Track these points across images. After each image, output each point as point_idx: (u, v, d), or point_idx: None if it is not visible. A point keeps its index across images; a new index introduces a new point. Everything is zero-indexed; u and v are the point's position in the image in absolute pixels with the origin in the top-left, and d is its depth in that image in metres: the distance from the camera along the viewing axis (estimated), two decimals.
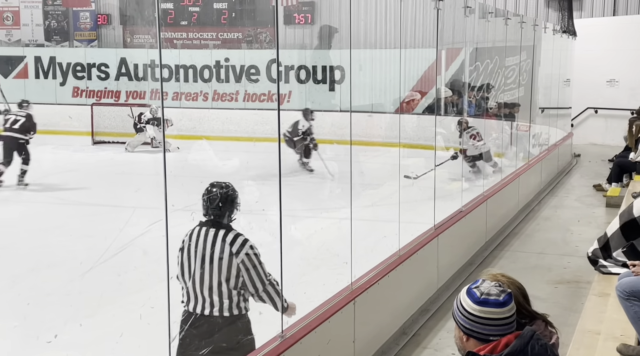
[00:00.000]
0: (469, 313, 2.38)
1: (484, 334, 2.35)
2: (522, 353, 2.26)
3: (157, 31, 3.18)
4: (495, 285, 2.43)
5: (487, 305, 2.36)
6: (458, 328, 2.43)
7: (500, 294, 2.39)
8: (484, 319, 2.36)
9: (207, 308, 3.67)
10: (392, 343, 5.22)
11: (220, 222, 3.75)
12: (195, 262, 3.70)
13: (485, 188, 8.69)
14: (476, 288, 2.42)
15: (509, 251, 7.93)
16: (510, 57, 12.24)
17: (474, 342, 2.37)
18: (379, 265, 5.29)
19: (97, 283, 6.40)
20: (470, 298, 2.40)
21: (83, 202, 10.21)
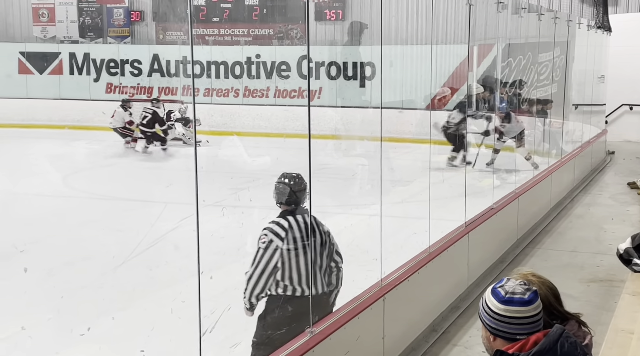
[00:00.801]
0: (495, 312, 2.36)
1: (510, 333, 2.33)
2: (551, 351, 2.23)
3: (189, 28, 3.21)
4: (520, 283, 2.41)
5: (512, 303, 2.35)
6: (485, 328, 2.42)
7: (525, 292, 2.37)
8: (510, 318, 2.34)
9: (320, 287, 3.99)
10: (422, 340, 5.21)
11: (302, 208, 4.00)
12: (304, 247, 3.93)
13: (517, 185, 8.61)
14: (501, 287, 2.40)
15: (541, 249, 7.85)
16: (543, 53, 12.10)
17: (501, 342, 2.35)
18: (409, 261, 5.28)
19: (129, 277, 6.48)
20: (495, 298, 2.38)
21: (116, 197, 10.34)
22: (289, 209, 3.96)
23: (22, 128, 17.03)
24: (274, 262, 3.86)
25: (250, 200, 8.71)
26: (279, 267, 3.86)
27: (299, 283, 3.90)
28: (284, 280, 3.88)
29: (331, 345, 3.93)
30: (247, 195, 9.51)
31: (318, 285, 3.97)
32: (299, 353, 3.66)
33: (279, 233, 3.88)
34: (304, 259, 3.90)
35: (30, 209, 9.28)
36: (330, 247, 4.06)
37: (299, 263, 3.90)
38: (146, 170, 12.90)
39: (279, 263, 3.86)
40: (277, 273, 3.87)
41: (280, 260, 3.86)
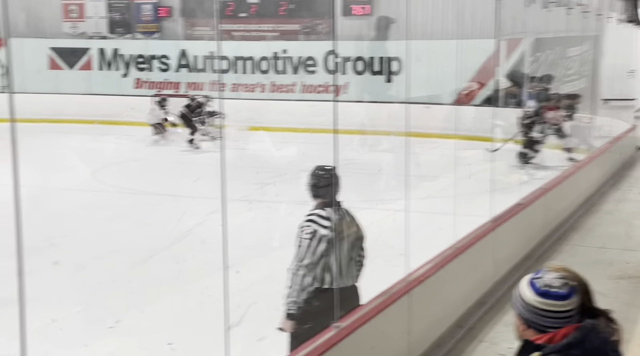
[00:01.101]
0: (529, 304, 2.34)
1: (542, 325, 2.32)
2: (580, 345, 2.22)
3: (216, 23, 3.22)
4: (558, 276, 2.38)
5: (547, 297, 2.32)
6: (517, 317, 2.41)
7: (562, 287, 2.34)
8: (544, 311, 2.32)
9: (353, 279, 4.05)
10: (448, 336, 5.20)
11: (336, 200, 4.03)
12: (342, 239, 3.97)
13: (544, 181, 8.54)
14: (538, 279, 2.38)
15: (569, 245, 7.78)
16: (572, 47, 11.97)
17: (532, 332, 2.34)
18: (435, 257, 5.26)
19: (157, 271, 6.56)
20: (531, 289, 2.37)
21: (144, 192, 10.45)
22: (326, 201, 3.98)
23: (51, 123, 17.25)
24: (320, 251, 3.86)
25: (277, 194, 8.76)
26: (324, 256, 3.89)
27: (339, 275, 3.94)
28: (325, 270, 3.91)
29: (357, 340, 3.94)
30: (273, 190, 9.56)
31: (349, 277, 4.03)
32: (325, 348, 3.68)
33: (322, 223, 3.89)
34: (339, 250, 3.93)
35: (60, 203, 9.42)
36: (364, 240, 4.14)
37: (339, 254, 3.93)
38: (174, 165, 12.99)
39: (325, 254, 3.89)
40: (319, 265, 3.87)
41: (324, 250, 3.88)
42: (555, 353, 2.21)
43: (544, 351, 2.23)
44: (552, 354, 2.21)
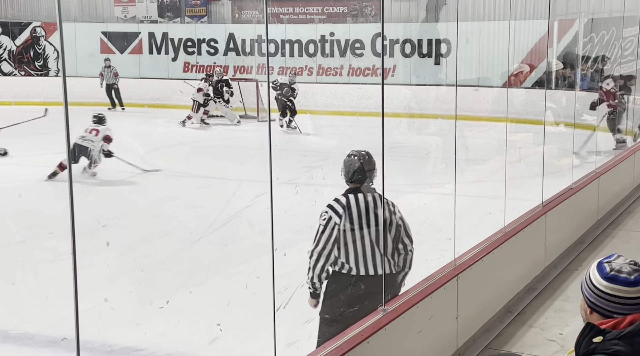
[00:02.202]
0: (596, 287, 2.29)
1: (608, 311, 2.26)
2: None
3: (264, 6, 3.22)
4: (630, 262, 2.32)
5: (615, 282, 2.26)
6: (583, 299, 2.36)
7: (633, 273, 2.27)
8: (611, 296, 2.26)
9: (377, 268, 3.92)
10: (497, 321, 5.15)
11: (366, 187, 3.98)
12: (363, 225, 3.92)
13: (597, 164, 8.35)
14: (607, 262, 2.32)
15: (622, 230, 7.61)
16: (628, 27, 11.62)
17: (597, 316, 2.28)
18: (484, 241, 5.20)
19: (205, 252, 6.64)
20: (599, 273, 2.30)
21: (192, 174, 10.57)
22: (353, 187, 3.96)
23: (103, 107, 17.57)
24: (332, 239, 3.88)
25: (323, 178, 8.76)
26: (337, 244, 3.88)
27: (355, 263, 3.88)
28: (341, 257, 3.90)
29: (404, 324, 3.93)
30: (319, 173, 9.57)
31: (378, 266, 3.92)
32: (372, 330, 3.68)
33: (337, 210, 3.89)
34: (361, 238, 3.88)
35: (112, 186, 9.60)
36: (397, 229, 3.98)
37: (356, 242, 3.88)
38: (222, 148, 13.11)
39: (337, 241, 3.88)
40: (335, 250, 3.89)
41: (337, 238, 3.88)
42: (618, 339, 2.16)
43: (608, 336, 2.18)
44: (615, 340, 2.16)
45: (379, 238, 3.92)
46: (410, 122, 14.34)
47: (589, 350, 2.20)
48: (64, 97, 2.35)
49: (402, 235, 4.01)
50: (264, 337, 3.52)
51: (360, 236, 3.90)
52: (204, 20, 20.42)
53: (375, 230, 3.91)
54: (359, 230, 3.89)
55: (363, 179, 3.95)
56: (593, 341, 2.20)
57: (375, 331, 3.69)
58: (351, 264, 3.90)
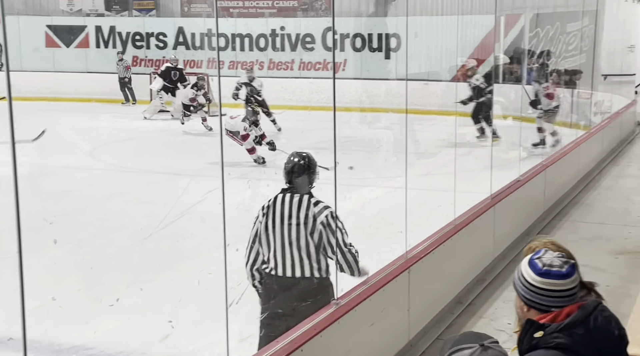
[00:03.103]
0: (531, 284, 2.34)
1: (545, 305, 2.31)
2: (584, 323, 2.21)
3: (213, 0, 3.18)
4: (559, 255, 2.37)
5: (549, 276, 2.31)
6: (519, 298, 2.40)
7: (563, 265, 2.33)
8: (546, 291, 2.31)
9: (298, 270, 3.84)
10: (447, 312, 5.22)
11: (301, 188, 3.93)
12: (282, 225, 3.86)
13: (544, 157, 8.53)
14: (538, 259, 2.37)
15: (568, 221, 7.79)
16: (572, 22, 11.90)
17: (534, 312, 2.33)
18: (434, 234, 5.27)
19: (156, 249, 6.56)
20: (532, 270, 2.35)
21: (142, 170, 10.44)
22: (288, 187, 3.94)
23: (49, 102, 17.19)
24: (253, 236, 3.91)
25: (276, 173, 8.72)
26: (260, 242, 3.89)
27: (274, 263, 3.86)
28: (263, 255, 3.90)
29: (356, 317, 3.95)
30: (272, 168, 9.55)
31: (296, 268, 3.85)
32: (325, 324, 3.69)
33: (263, 208, 3.92)
34: (280, 238, 3.84)
35: (59, 182, 9.40)
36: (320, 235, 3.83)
37: (275, 242, 3.85)
38: (171, 144, 12.96)
39: (258, 238, 3.89)
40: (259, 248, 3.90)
41: (259, 235, 3.89)
42: (558, 332, 2.21)
43: (548, 330, 2.22)
44: (556, 333, 2.20)
45: (301, 242, 3.83)
46: (362, 116, 14.41)
47: (531, 346, 2.25)
48: (7, 92, 2.29)
49: (328, 241, 3.86)
50: (217, 333, 3.50)
51: (279, 236, 3.85)
52: (152, 13, 20.14)
53: (297, 231, 3.83)
54: (279, 229, 3.85)
55: (300, 181, 3.91)
56: (534, 337, 2.24)
57: (328, 324, 3.70)
58: (272, 262, 3.89)
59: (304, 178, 3.93)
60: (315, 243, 3.85)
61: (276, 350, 3.42)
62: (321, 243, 3.85)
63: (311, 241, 3.85)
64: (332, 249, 3.86)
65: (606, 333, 2.22)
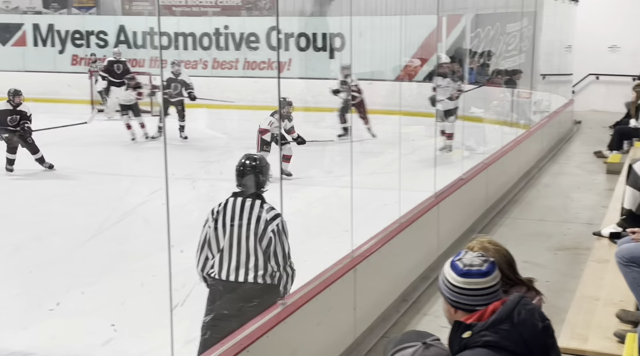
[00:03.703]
0: (454, 286, 2.39)
1: (470, 305, 2.37)
2: (509, 318, 2.27)
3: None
4: (478, 255, 2.45)
5: (470, 276, 2.38)
6: (445, 301, 2.45)
7: (483, 264, 2.40)
8: (469, 290, 2.37)
9: (242, 275, 3.80)
10: (393, 310, 5.26)
11: (253, 192, 3.88)
12: (232, 230, 3.80)
13: (485, 155, 8.68)
14: (459, 260, 2.43)
15: (509, 218, 7.95)
16: (511, 23, 12.14)
17: (461, 313, 2.38)
18: (380, 232, 5.31)
19: (99, 251, 6.44)
20: (454, 271, 2.41)
21: (83, 171, 10.22)
22: (239, 191, 3.90)
23: None
24: (203, 240, 3.86)
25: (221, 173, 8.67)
26: (208, 246, 3.85)
27: (219, 267, 3.82)
28: (209, 259, 3.86)
29: (303, 316, 3.95)
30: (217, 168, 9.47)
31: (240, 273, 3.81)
32: (271, 324, 3.68)
33: (213, 211, 3.86)
34: (229, 243, 3.81)
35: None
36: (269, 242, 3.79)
37: (224, 246, 3.81)
38: (113, 144, 12.71)
39: (207, 243, 3.85)
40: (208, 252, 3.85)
41: (208, 239, 3.84)
42: (485, 330, 2.26)
43: (474, 329, 2.27)
44: (483, 331, 2.26)
45: (249, 247, 3.80)
46: (306, 115, 14.42)
47: (461, 346, 2.29)
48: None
49: (275, 250, 3.81)
50: (161, 336, 3.45)
51: (228, 241, 3.81)
52: (92, 11, 19.73)
53: (246, 237, 3.79)
54: (228, 234, 3.80)
55: (250, 184, 3.88)
56: (463, 338, 2.29)
57: (274, 325, 3.69)
58: (216, 267, 3.84)
59: (253, 180, 3.88)
60: (262, 249, 3.80)
61: (222, 351, 3.39)
62: (268, 250, 3.80)
63: (259, 247, 3.80)
64: (277, 259, 3.81)
65: (530, 325, 2.27)
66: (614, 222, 5.58)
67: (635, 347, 3.29)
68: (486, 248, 2.73)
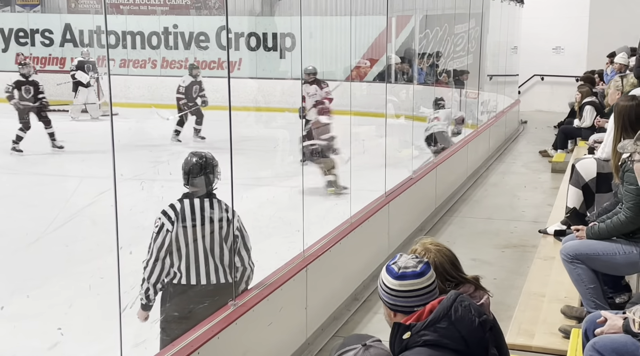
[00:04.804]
0: (391, 289, 2.44)
1: (408, 306, 2.41)
2: (446, 316, 2.30)
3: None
4: (412, 257, 2.49)
5: (405, 278, 2.42)
6: (384, 305, 2.49)
7: (417, 265, 2.45)
8: (405, 292, 2.41)
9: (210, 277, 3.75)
10: (344, 309, 5.28)
11: (205, 191, 3.79)
12: (195, 233, 3.71)
13: (434, 155, 8.79)
14: (394, 264, 2.48)
15: (458, 217, 8.06)
16: (459, 24, 12.32)
17: (401, 316, 2.42)
18: (331, 232, 5.32)
19: (44, 254, 6.30)
20: (389, 275, 2.45)
21: (27, 172, 9.98)
22: (190, 191, 3.78)
23: None
24: (165, 248, 3.71)
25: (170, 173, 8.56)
26: (169, 252, 3.72)
27: (187, 271, 3.73)
28: (174, 266, 3.74)
29: (254, 317, 3.94)
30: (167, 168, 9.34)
31: (212, 275, 3.76)
32: (222, 325, 3.66)
33: (170, 216, 3.72)
34: (194, 246, 3.72)
35: None
36: (235, 239, 3.79)
37: (189, 250, 3.72)
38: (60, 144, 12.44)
39: (170, 249, 3.72)
40: (168, 259, 3.73)
41: (170, 246, 3.71)
42: (424, 329, 2.29)
43: (414, 330, 2.31)
44: (422, 331, 2.29)
45: (214, 247, 3.75)
46: (258, 115, 14.37)
47: (401, 348, 2.33)
48: None
49: (239, 247, 3.82)
50: (110, 338, 3.39)
51: (193, 244, 3.72)
52: (36, 9, 19.29)
53: (210, 238, 3.73)
54: (192, 237, 3.72)
55: (201, 182, 3.78)
56: (403, 339, 2.32)
57: (225, 326, 3.67)
58: (183, 273, 3.73)
59: (202, 178, 3.79)
60: (228, 249, 3.78)
61: (173, 353, 3.36)
62: (235, 247, 3.78)
63: (225, 247, 3.77)
64: (241, 255, 3.80)
65: (468, 322, 2.31)
66: (559, 220, 5.71)
67: (579, 342, 3.37)
68: (428, 249, 2.78)
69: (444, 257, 2.83)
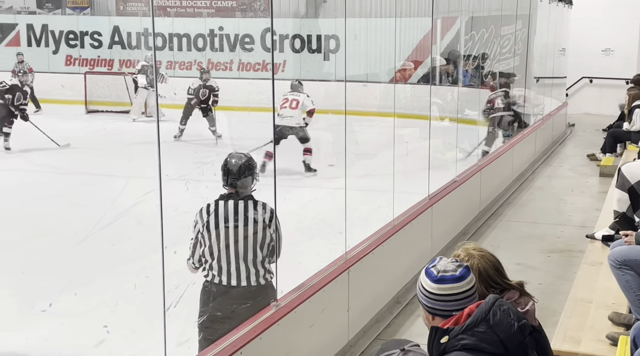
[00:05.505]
0: (430, 292, 2.43)
1: (446, 310, 2.40)
2: (484, 320, 2.27)
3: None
4: (452, 261, 2.48)
5: (444, 282, 2.41)
6: (423, 308, 2.47)
7: (457, 269, 2.43)
8: (444, 296, 2.40)
9: (241, 279, 3.75)
10: (386, 312, 5.26)
11: (243, 192, 3.79)
12: (228, 236, 3.72)
13: (479, 158, 8.69)
14: (433, 267, 2.47)
15: (503, 220, 7.96)
16: (505, 26, 12.17)
17: (439, 320, 2.41)
18: (373, 234, 5.31)
19: (91, 252, 6.41)
20: (428, 278, 2.45)
21: (76, 172, 10.19)
22: (228, 192, 3.79)
23: None
24: (194, 244, 3.80)
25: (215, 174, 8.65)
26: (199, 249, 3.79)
27: (219, 272, 3.75)
28: (207, 264, 3.79)
29: (296, 318, 3.94)
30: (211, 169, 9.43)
31: (242, 277, 3.76)
32: (265, 326, 3.67)
33: (203, 216, 3.77)
34: (225, 247, 3.74)
35: None
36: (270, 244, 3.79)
37: (220, 250, 3.73)
38: (106, 145, 12.68)
39: (199, 246, 3.78)
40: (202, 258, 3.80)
41: (200, 244, 3.77)
42: (461, 333, 2.27)
43: (451, 334, 2.29)
44: (460, 335, 2.27)
45: (247, 248, 3.75)
46: None
47: (439, 352, 2.31)
48: None
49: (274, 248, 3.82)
50: (154, 337, 3.43)
51: (224, 247, 3.73)
52: (86, 12, 19.69)
53: (244, 244, 3.73)
54: (224, 238, 3.72)
55: (241, 184, 3.78)
56: (441, 343, 2.31)
57: (268, 326, 3.68)
58: (216, 273, 3.77)
59: (244, 180, 3.79)
60: (264, 254, 3.78)
61: (215, 352, 3.38)
62: (269, 251, 3.79)
63: (260, 253, 3.77)
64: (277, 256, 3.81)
65: (506, 326, 2.28)
66: (607, 225, 5.60)
67: (628, 350, 3.30)
68: (471, 254, 2.74)
69: (488, 263, 2.79)
